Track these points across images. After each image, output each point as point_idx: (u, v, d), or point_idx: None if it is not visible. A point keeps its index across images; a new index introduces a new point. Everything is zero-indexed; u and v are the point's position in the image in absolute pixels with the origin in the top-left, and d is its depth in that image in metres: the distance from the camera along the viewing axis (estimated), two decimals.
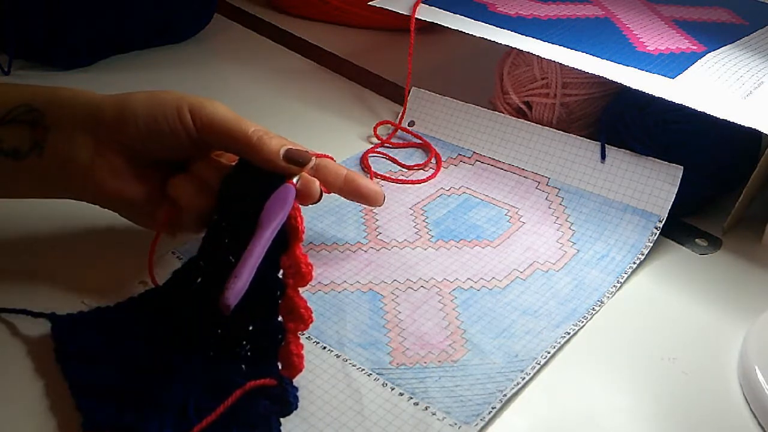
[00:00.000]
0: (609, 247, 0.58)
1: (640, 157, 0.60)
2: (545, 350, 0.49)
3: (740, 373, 0.48)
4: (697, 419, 0.46)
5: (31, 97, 0.49)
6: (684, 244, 0.59)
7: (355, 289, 0.53)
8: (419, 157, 0.68)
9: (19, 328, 0.48)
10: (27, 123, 0.48)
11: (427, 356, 0.48)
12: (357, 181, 0.54)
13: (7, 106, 0.49)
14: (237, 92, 0.78)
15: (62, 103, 0.49)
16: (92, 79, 0.78)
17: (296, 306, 0.43)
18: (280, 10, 0.96)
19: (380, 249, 0.57)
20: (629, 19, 0.70)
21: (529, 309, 0.52)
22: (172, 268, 0.49)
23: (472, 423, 0.43)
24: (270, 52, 0.87)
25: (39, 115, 0.48)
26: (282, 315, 0.44)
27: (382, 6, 0.74)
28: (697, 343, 0.51)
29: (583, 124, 0.67)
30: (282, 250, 0.44)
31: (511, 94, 0.68)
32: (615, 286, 0.54)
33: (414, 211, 0.61)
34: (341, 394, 0.45)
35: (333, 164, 0.54)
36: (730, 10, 0.73)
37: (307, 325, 0.43)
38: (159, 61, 0.83)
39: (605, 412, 0.46)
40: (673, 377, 0.48)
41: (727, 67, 0.62)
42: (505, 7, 0.71)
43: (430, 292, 0.53)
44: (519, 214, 0.61)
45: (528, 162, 0.65)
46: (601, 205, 0.61)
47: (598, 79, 0.62)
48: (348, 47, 0.87)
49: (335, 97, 0.78)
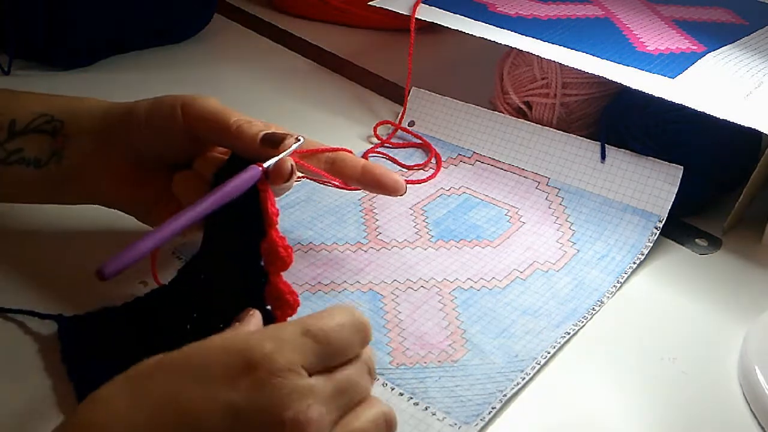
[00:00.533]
0: (609, 247, 0.58)
1: (640, 157, 0.60)
2: (545, 350, 0.49)
3: (740, 373, 0.48)
4: (697, 419, 0.46)
5: (51, 106, 0.51)
6: (684, 244, 0.59)
7: (355, 289, 0.53)
8: (419, 157, 0.68)
9: (30, 327, 0.48)
10: (47, 132, 0.50)
11: (427, 356, 0.48)
12: (375, 171, 0.52)
13: (28, 116, 0.50)
14: (237, 92, 0.78)
15: (79, 112, 0.51)
16: (92, 79, 0.78)
17: (281, 292, 0.43)
18: (280, 10, 0.96)
19: (380, 249, 0.57)
20: (629, 19, 0.70)
21: (529, 309, 0.52)
22: (174, 268, 0.49)
23: (472, 423, 0.43)
24: (270, 52, 0.87)
25: (59, 125, 0.50)
26: (269, 303, 0.43)
27: (382, 6, 0.74)
28: (697, 343, 0.51)
29: (583, 124, 0.67)
30: (260, 237, 0.44)
31: (511, 94, 0.68)
32: (615, 286, 0.54)
33: (414, 211, 0.61)
34: None
35: (350, 156, 0.53)
36: (730, 10, 0.73)
37: (294, 310, 0.43)
38: (159, 61, 0.83)
39: (605, 412, 0.46)
40: (673, 377, 0.48)
41: (727, 67, 0.62)
42: (505, 7, 0.71)
43: (430, 292, 0.53)
44: (519, 214, 0.61)
45: (528, 162, 0.65)
46: (601, 205, 0.61)
47: (598, 79, 0.62)
48: (348, 47, 0.87)
49: (335, 97, 0.78)
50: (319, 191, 0.62)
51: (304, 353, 0.34)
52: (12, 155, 0.50)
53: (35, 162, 0.50)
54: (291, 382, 0.32)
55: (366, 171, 0.52)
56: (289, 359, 0.33)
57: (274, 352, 0.33)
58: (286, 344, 0.33)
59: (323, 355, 0.34)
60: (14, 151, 0.50)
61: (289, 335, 0.34)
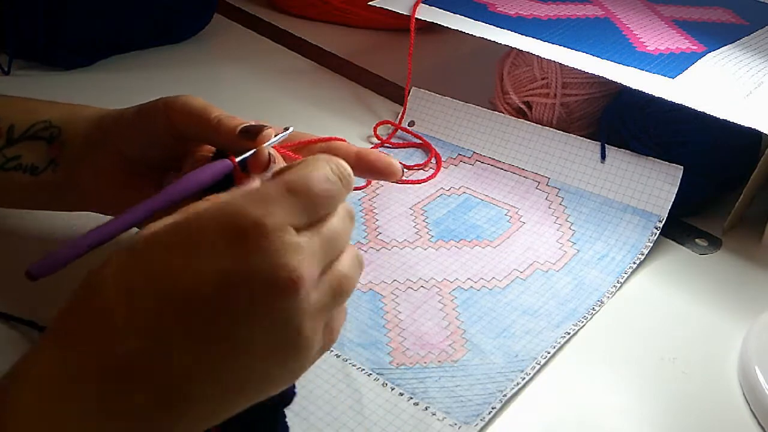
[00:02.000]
0: (609, 247, 0.58)
1: (640, 157, 0.60)
2: (545, 350, 0.49)
3: (740, 373, 0.48)
4: (697, 419, 0.46)
5: (50, 112, 0.51)
6: (684, 244, 0.59)
7: (355, 288, 0.53)
8: (419, 157, 0.68)
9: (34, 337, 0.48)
10: (44, 139, 0.50)
11: (427, 356, 0.48)
12: (370, 156, 0.51)
13: (26, 122, 0.50)
14: (237, 92, 0.78)
15: (76, 120, 0.50)
16: (92, 79, 0.78)
17: None
18: (280, 10, 0.96)
19: (380, 249, 0.57)
20: (629, 19, 0.70)
21: (529, 309, 0.52)
22: None
23: (472, 423, 0.44)
24: (270, 52, 0.87)
25: (56, 132, 0.50)
26: None
27: (382, 6, 0.74)
28: (697, 343, 0.51)
29: (583, 124, 0.67)
30: None
31: (511, 94, 0.68)
32: (615, 286, 0.54)
33: (414, 211, 0.61)
34: (341, 394, 0.45)
35: (344, 144, 0.52)
36: (730, 10, 0.73)
37: None
38: (159, 61, 0.83)
39: (605, 411, 0.46)
40: (673, 377, 0.48)
41: (727, 67, 0.62)
42: (505, 7, 0.71)
43: (430, 292, 0.53)
44: (519, 214, 0.61)
45: (528, 162, 0.65)
46: (601, 205, 0.61)
47: (598, 79, 0.62)
48: (348, 47, 0.87)
49: (335, 97, 0.78)
50: None
51: (292, 212, 0.34)
52: (10, 161, 0.50)
53: (32, 169, 0.50)
54: (281, 243, 0.33)
55: (360, 157, 0.51)
56: (277, 221, 0.33)
57: (263, 216, 0.33)
58: (272, 206, 0.33)
59: (309, 210, 0.35)
60: (12, 158, 0.50)
61: (273, 196, 0.34)
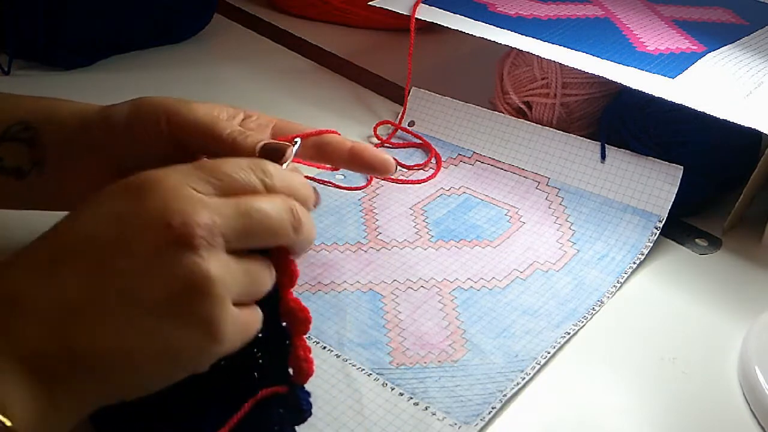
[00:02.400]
0: (609, 247, 0.58)
1: (640, 157, 0.60)
2: (545, 350, 0.49)
3: (740, 373, 0.48)
4: (697, 419, 0.46)
5: (27, 113, 0.49)
6: (684, 244, 0.59)
7: (355, 289, 0.53)
8: (419, 157, 0.68)
9: None
10: (24, 141, 0.49)
11: (427, 356, 0.48)
12: (364, 152, 0.50)
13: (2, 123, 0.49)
14: (237, 92, 0.78)
15: (57, 119, 0.49)
16: (92, 79, 0.78)
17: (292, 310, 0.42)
18: (280, 10, 0.96)
19: (380, 249, 0.57)
20: (629, 19, 0.70)
21: (529, 309, 0.52)
22: None
23: (472, 423, 0.44)
24: (270, 52, 0.87)
25: (35, 134, 0.48)
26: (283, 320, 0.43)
27: (382, 6, 0.74)
28: (697, 343, 0.51)
29: (583, 124, 0.67)
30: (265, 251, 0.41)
31: (511, 94, 0.68)
32: (615, 286, 0.54)
33: (414, 211, 0.61)
34: (341, 394, 0.45)
35: (337, 138, 0.50)
36: (730, 10, 0.73)
37: (307, 327, 0.43)
38: (159, 61, 0.83)
39: (605, 412, 0.46)
40: (673, 377, 0.48)
41: (727, 67, 0.62)
42: (505, 7, 0.71)
43: (430, 292, 0.53)
44: (519, 214, 0.61)
45: (528, 162, 0.65)
46: (601, 205, 0.61)
47: (598, 79, 0.62)
48: (348, 47, 0.87)
49: (335, 97, 0.78)
50: (319, 191, 0.62)
51: (192, 179, 0.35)
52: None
53: (16, 172, 0.48)
54: (179, 192, 0.33)
55: (354, 153, 0.50)
56: (177, 177, 0.34)
57: (163, 173, 0.34)
58: (172, 170, 0.35)
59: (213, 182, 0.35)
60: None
61: (181, 167, 0.35)
